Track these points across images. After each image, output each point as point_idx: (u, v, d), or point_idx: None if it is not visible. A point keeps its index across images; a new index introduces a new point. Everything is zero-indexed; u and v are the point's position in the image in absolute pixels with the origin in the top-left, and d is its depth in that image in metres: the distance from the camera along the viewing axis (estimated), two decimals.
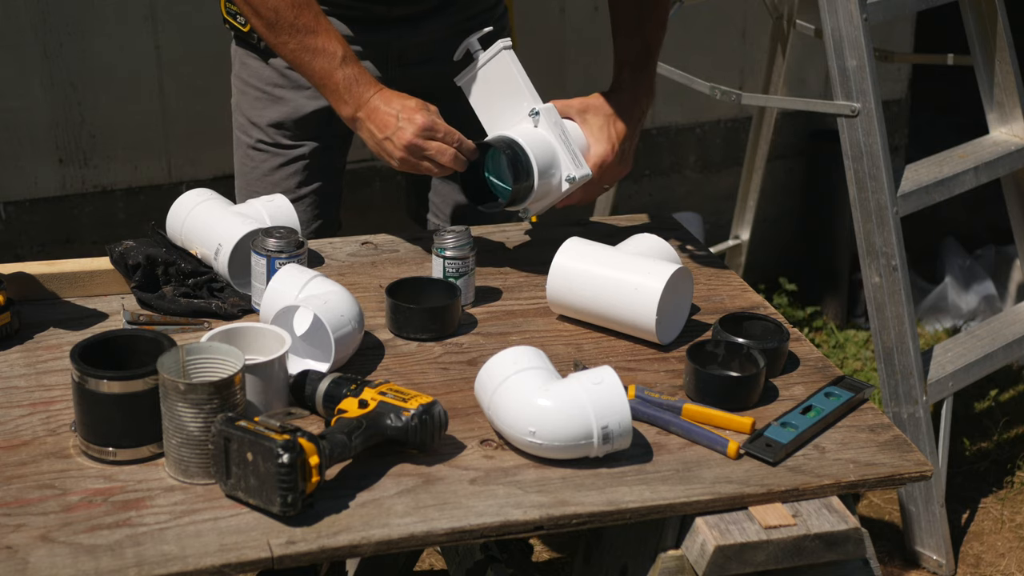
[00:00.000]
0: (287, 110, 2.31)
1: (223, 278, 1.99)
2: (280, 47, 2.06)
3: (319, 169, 2.36)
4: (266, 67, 2.31)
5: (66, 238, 3.24)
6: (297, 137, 2.33)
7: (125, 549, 1.44)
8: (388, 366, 1.84)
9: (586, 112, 2.11)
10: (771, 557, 1.54)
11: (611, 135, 2.10)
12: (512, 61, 2.08)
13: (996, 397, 3.50)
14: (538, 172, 2.00)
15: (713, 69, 3.61)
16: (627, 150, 2.12)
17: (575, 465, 1.61)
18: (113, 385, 1.56)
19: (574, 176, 2.03)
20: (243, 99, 2.36)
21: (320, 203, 2.38)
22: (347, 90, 2.03)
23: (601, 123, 2.10)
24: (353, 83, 2.03)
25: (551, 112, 2.06)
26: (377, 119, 2.01)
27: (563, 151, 2.04)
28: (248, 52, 2.33)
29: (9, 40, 3.04)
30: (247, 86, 2.35)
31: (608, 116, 2.10)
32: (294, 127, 2.32)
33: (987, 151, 2.91)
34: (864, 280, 2.74)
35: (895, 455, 1.67)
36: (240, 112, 2.38)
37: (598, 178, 2.09)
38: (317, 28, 2.03)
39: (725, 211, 3.81)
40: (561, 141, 2.04)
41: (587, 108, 2.11)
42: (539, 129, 2.05)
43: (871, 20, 2.61)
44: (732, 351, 1.81)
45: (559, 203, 2.10)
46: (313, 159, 2.35)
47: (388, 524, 1.49)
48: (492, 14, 2.35)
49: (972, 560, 2.93)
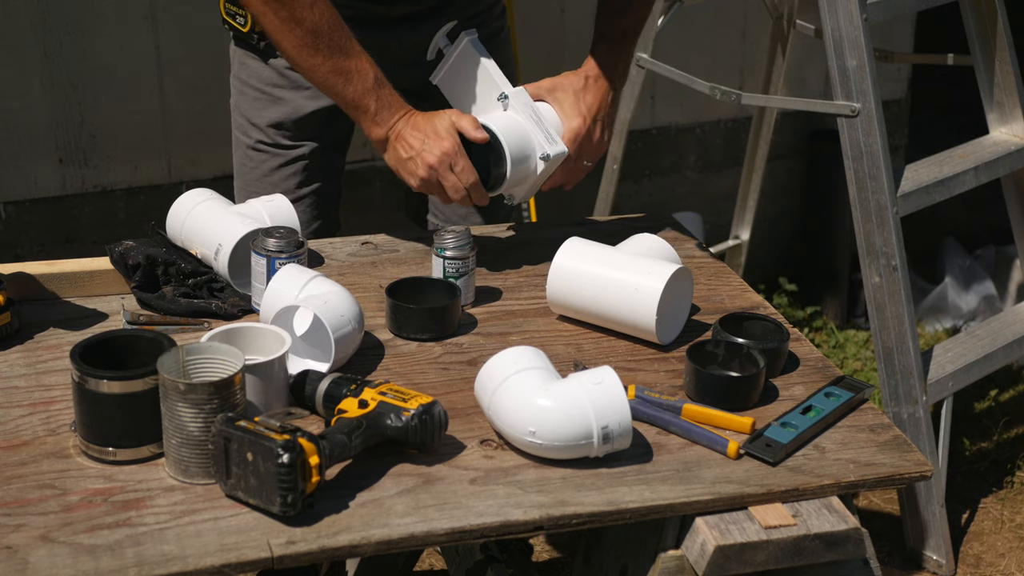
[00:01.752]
0: (287, 110, 2.31)
1: (223, 278, 1.99)
2: (314, 68, 2.02)
3: (319, 169, 2.36)
4: (265, 67, 2.31)
5: (66, 238, 3.24)
6: (296, 137, 2.33)
7: (125, 549, 1.44)
8: (388, 366, 1.84)
9: (555, 91, 2.13)
10: (771, 557, 1.54)
11: (581, 109, 2.11)
12: (476, 49, 2.10)
13: (996, 397, 3.50)
14: (511, 154, 2.02)
15: (713, 69, 3.62)
16: (601, 124, 2.14)
17: (575, 465, 1.61)
18: (113, 385, 1.56)
19: (548, 153, 2.05)
20: (242, 99, 2.36)
21: (320, 203, 2.38)
22: (379, 112, 2.02)
23: (571, 99, 2.12)
24: (385, 107, 2.03)
25: (520, 94, 2.09)
26: (404, 140, 2.02)
27: (536, 131, 2.06)
28: (247, 52, 2.33)
29: (9, 40, 3.04)
30: (246, 86, 2.35)
31: (577, 92, 2.12)
32: (294, 127, 2.32)
33: (987, 151, 2.91)
34: (864, 280, 2.74)
35: (895, 455, 1.67)
36: (239, 112, 2.38)
37: (575, 153, 2.11)
38: (351, 50, 2.01)
39: (725, 211, 3.81)
40: (533, 122, 2.06)
41: (556, 87, 2.13)
42: (509, 112, 2.07)
43: (871, 20, 2.61)
44: (732, 351, 1.81)
45: (544, 185, 2.12)
46: (313, 159, 2.35)
47: (388, 524, 1.49)
48: (491, 14, 2.35)
49: (972, 560, 2.93)
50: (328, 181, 2.38)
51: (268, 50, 2.29)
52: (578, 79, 2.14)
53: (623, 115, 3.17)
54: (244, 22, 2.26)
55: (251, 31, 2.26)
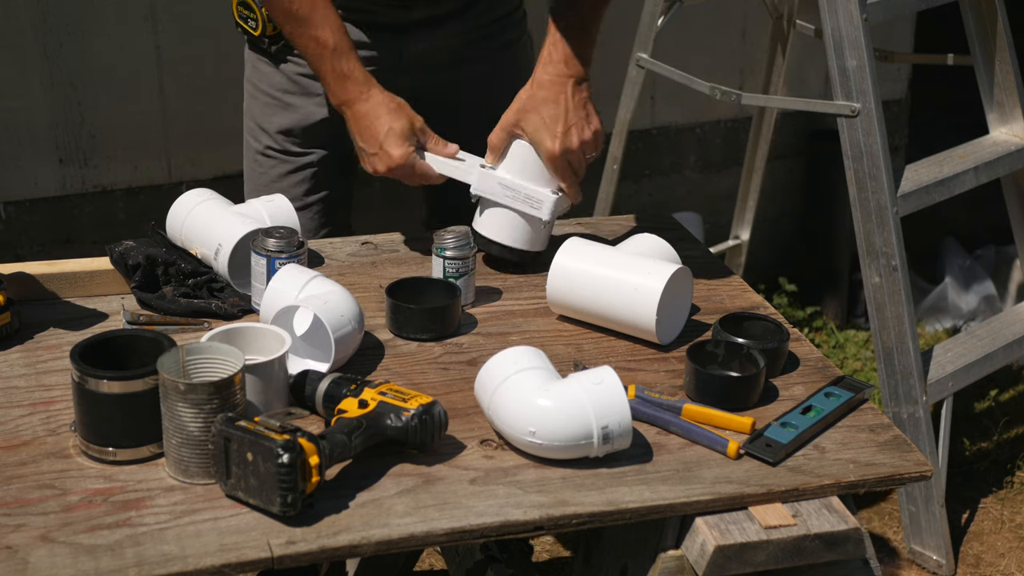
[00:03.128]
0: (296, 117, 2.31)
1: (223, 278, 1.99)
2: (287, 35, 2.12)
3: (327, 177, 2.35)
4: (277, 72, 2.30)
5: (66, 238, 3.24)
6: (306, 144, 2.32)
7: (125, 549, 1.44)
8: (388, 366, 1.84)
9: (519, 122, 2.04)
10: (771, 557, 1.54)
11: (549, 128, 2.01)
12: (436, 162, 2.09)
13: (996, 397, 3.51)
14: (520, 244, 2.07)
15: (713, 69, 3.62)
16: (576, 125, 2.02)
17: (575, 465, 1.61)
18: (113, 385, 1.56)
19: (545, 220, 2.05)
20: (254, 104, 2.36)
21: (328, 211, 2.37)
22: (336, 83, 2.07)
23: (536, 123, 2.02)
24: (342, 78, 2.06)
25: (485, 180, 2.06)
26: (361, 128, 2.06)
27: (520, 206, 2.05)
28: (260, 57, 2.32)
29: (9, 40, 3.04)
30: (258, 91, 2.34)
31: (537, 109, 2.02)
32: (303, 134, 2.31)
33: (987, 151, 2.91)
34: (864, 280, 2.74)
35: (895, 455, 1.67)
36: (250, 117, 2.37)
37: (563, 165, 2.02)
38: (312, 18, 2.06)
39: (725, 211, 3.81)
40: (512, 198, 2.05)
41: (519, 117, 2.04)
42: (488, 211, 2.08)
43: (871, 20, 2.61)
44: (732, 351, 1.81)
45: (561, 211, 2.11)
46: (321, 167, 2.34)
47: (388, 524, 1.49)
48: (511, 19, 2.33)
49: (972, 560, 2.93)
50: (337, 188, 2.38)
51: (279, 55, 2.28)
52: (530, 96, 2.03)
53: (623, 115, 3.17)
54: (255, 26, 2.25)
55: (262, 35, 2.26)
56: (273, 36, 2.25)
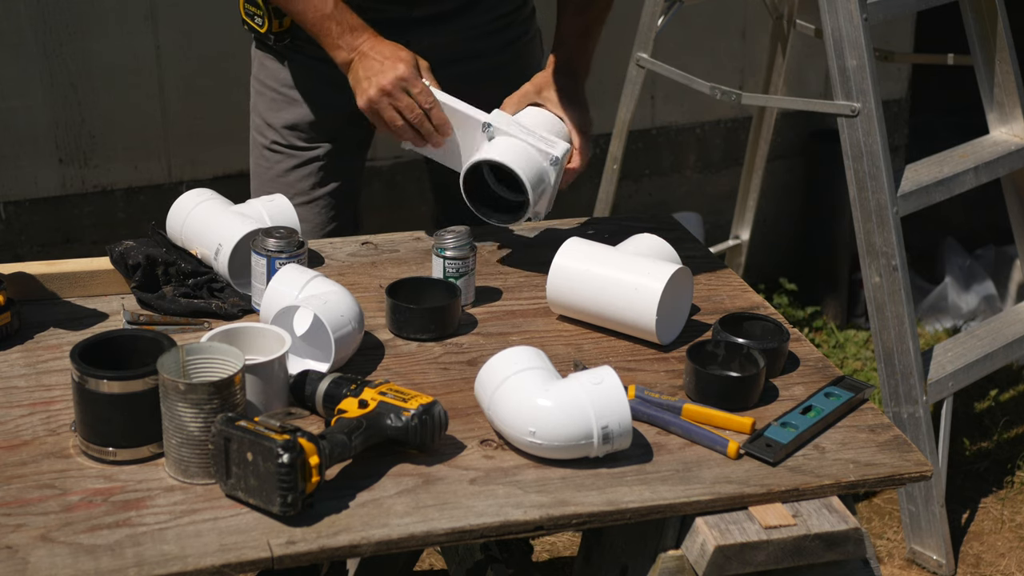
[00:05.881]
0: (302, 112, 2.31)
1: (223, 278, 1.99)
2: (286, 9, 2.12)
3: (334, 171, 2.36)
4: (283, 68, 2.31)
5: (66, 238, 3.24)
6: (312, 139, 2.33)
7: (125, 549, 1.44)
8: (388, 366, 1.84)
9: (542, 91, 2.11)
10: (771, 557, 1.54)
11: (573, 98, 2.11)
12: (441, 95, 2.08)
13: (996, 397, 3.51)
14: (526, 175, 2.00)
15: (713, 69, 3.62)
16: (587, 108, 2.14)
17: (575, 465, 1.61)
18: (113, 385, 1.56)
19: (556, 156, 2.04)
20: (260, 100, 2.37)
21: (334, 205, 2.37)
22: (346, 34, 2.07)
23: (557, 95, 2.10)
24: (350, 29, 2.07)
25: (500, 116, 2.07)
26: (366, 61, 2.05)
27: (534, 142, 2.04)
28: (266, 54, 2.33)
29: (9, 40, 3.04)
30: (264, 87, 2.35)
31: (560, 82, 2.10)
32: (309, 129, 2.32)
33: (987, 151, 2.91)
34: (864, 280, 2.74)
35: (895, 455, 1.67)
36: (257, 113, 2.38)
37: (585, 139, 2.10)
38: None
39: (725, 211, 3.81)
40: (526, 134, 2.05)
41: (541, 87, 2.12)
42: (500, 139, 2.05)
43: (871, 20, 2.61)
44: (732, 351, 1.81)
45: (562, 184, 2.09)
46: (328, 161, 2.34)
47: (388, 524, 1.49)
48: (518, 16, 2.34)
49: (972, 560, 2.93)
50: (344, 182, 2.38)
51: (285, 51, 2.29)
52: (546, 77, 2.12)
53: (623, 115, 3.17)
54: (262, 23, 2.26)
55: (268, 32, 2.26)
56: (279, 33, 2.26)
